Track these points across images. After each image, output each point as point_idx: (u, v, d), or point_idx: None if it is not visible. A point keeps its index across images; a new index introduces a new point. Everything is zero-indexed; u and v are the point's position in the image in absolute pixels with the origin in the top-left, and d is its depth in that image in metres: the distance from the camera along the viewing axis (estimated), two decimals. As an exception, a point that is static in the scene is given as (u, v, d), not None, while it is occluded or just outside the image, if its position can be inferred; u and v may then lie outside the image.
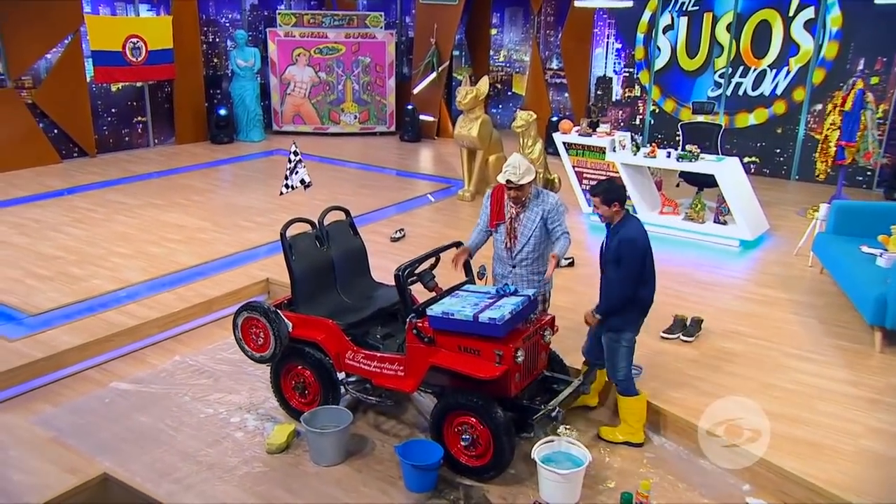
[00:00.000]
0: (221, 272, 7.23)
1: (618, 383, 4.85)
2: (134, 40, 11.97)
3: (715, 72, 11.94)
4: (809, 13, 10.99)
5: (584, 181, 9.20)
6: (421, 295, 5.16)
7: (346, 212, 5.56)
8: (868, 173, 10.77)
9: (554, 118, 12.47)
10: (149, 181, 10.73)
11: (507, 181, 4.83)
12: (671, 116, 12.34)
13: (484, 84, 9.54)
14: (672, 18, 12.16)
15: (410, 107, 13.90)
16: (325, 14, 13.98)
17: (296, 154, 5.31)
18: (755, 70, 11.61)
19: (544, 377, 4.93)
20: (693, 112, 10.31)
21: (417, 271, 4.98)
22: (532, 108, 13.51)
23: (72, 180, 10.57)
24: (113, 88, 12.24)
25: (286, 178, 5.32)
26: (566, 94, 13.62)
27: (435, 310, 4.51)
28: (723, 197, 8.31)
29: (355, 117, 14.33)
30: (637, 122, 12.86)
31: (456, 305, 4.53)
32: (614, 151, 8.81)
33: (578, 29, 12.95)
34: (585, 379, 4.84)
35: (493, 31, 15.01)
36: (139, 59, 12.08)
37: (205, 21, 13.31)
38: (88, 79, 11.70)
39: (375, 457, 4.76)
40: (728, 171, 8.28)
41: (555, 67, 13.80)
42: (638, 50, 12.62)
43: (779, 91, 11.47)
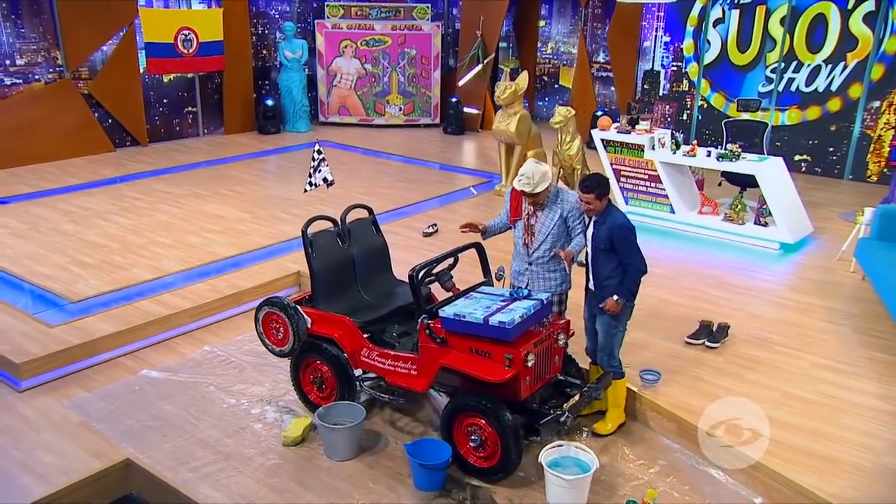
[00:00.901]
0: (255, 264, 7.40)
1: (614, 369, 4.95)
2: (185, 32, 12.28)
3: (767, 66, 11.61)
4: (870, 6, 10.58)
5: (622, 179, 9.08)
6: (442, 294, 5.20)
7: (369, 210, 5.63)
8: (925, 174, 10.37)
9: (599, 113, 12.30)
10: (195, 171, 11.02)
11: (522, 191, 4.84)
12: (720, 112, 12.05)
13: (523, 79, 9.48)
14: (723, 11, 11.87)
15: (455, 99, 13.91)
16: (373, 6, 14.07)
17: (319, 153, 5.39)
18: (809, 65, 11.24)
19: (560, 380, 4.93)
20: (738, 109, 10.05)
21: (436, 271, 5.03)
22: (577, 102, 13.45)
23: (123, 169, 10.93)
24: (165, 79, 12.59)
25: (310, 176, 5.42)
26: (612, 88, 13.43)
27: (447, 311, 4.55)
28: (764, 198, 8.11)
29: (400, 109, 14.42)
30: (684, 118, 12.61)
31: (468, 307, 4.56)
32: (653, 149, 8.67)
33: (626, 22, 12.73)
34: (598, 384, 4.81)
35: (542, 23, 14.88)
36: (190, 51, 12.39)
37: (254, 13, 13.55)
38: (141, 70, 12.06)
39: (387, 453, 4.84)
40: (770, 172, 8.06)
41: (601, 61, 13.61)
42: (687, 43, 12.36)
43: (834, 87, 11.09)
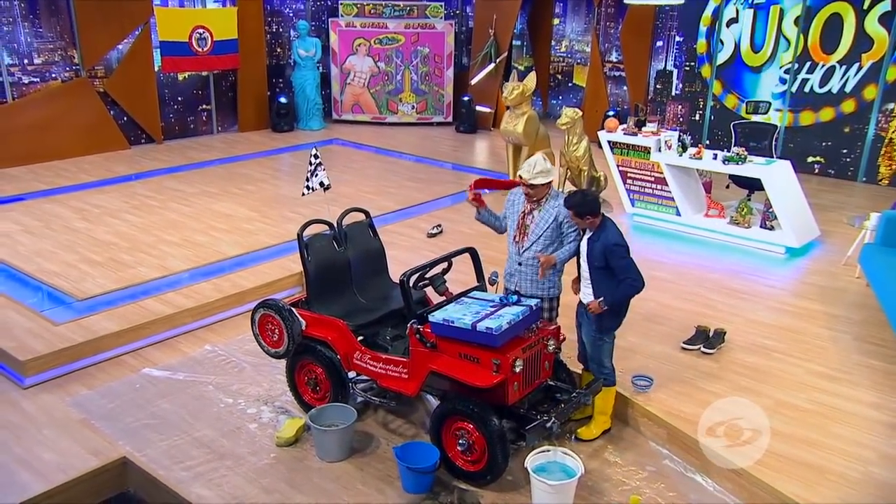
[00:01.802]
0: (260, 263, 7.49)
1: (605, 377, 4.96)
2: (200, 31, 12.40)
3: (780, 67, 11.51)
4: (886, 6, 10.44)
5: (629, 181, 9.07)
6: (437, 298, 5.25)
7: (366, 213, 5.69)
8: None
9: (610, 112, 12.28)
10: (208, 169, 11.15)
11: (519, 176, 4.90)
12: (733, 112, 11.96)
13: (531, 80, 9.48)
14: (737, 11, 11.77)
15: (467, 98, 13.94)
16: (387, 4, 14.12)
17: (316, 157, 5.47)
18: (823, 66, 11.13)
19: (551, 386, 4.96)
20: (747, 112, 9.98)
21: (429, 275, 5.08)
22: (590, 101, 13.43)
23: (137, 166, 11.10)
24: (179, 77, 12.74)
25: (307, 181, 5.49)
26: (625, 88, 13.37)
27: (437, 316, 4.61)
28: (769, 201, 8.07)
29: (413, 107, 14.47)
30: (696, 118, 12.53)
31: (458, 313, 4.61)
32: (659, 151, 8.65)
33: (639, 21, 12.67)
34: (587, 390, 4.84)
35: (556, 21, 14.84)
36: (205, 49, 12.52)
37: (269, 11, 13.65)
38: (156, 68, 12.21)
39: (378, 455, 4.90)
40: (776, 175, 8.02)
41: (614, 60, 13.55)
42: (700, 43, 12.27)
43: (848, 88, 10.97)
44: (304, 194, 5.67)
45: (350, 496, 4.52)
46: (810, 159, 11.39)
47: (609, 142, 9.07)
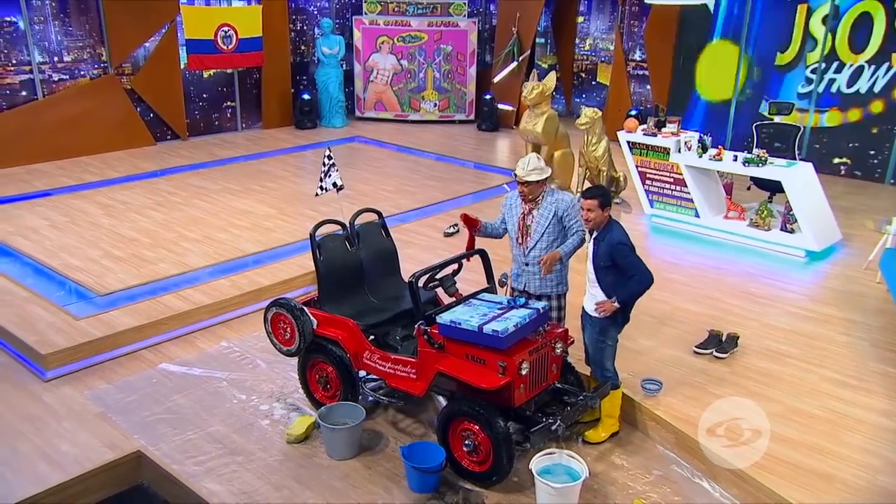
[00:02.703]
0: (277, 261, 7.59)
1: (607, 380, 4.96)
2: (225, 29, 12.54)
3: (807, 67, 11.35)
4: (917, 5, 10.28)
5: (647, 181, 9.02)
6: (448, 299, 5.28)
7: (379, 213, 5.75)
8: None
9: (633, 112, 12.20)
10: (231, 165, 11.29)
11: (514, 174, 4.97)
12: (758, 112, 11.82)
13: (550, 80, 9.46)
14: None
15: (489, 96, 13.94)
16: (410, 2, 14.16)
17: (329, 158, 5.53)
18: (851, 66, 10.96)
19: (558, 388, 4.97)
20: (770, 112, 9.87)
21: (439, 276, 5.12)
22: (613, 100, 13.36)
23: (162, 163, 11.27)
24: (205, 75, 12.91)
25: (320, 181, 5.56)
26: (648, 87, 13.28)
27: (444, 318, 4.65)
28: (790, 204, 7.98)
29: (435, 105, 14.51)
30: (721, 118, 12.42)
31: (465, 314, 4.65)
32: (679, 153, 8.59)
33: (663, 20, 12.57)
34: (594, 393, 4.85)
35: (580, 19, 14.77)
36: (230, 47, 12.66)
37: (293, 9, 13.77)
38: (182, 66, 12.39)
39: (386, 454, 4.96)
40: (797, 178, 7.92)
41: (637, 59, 13.46)
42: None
43: (877, 88, 10.79)
44: (318, 195, 5.74)
45: (358, 494, 4.58)
46: (836, 160, 11.23)
47: (628, 142, 9.03)
